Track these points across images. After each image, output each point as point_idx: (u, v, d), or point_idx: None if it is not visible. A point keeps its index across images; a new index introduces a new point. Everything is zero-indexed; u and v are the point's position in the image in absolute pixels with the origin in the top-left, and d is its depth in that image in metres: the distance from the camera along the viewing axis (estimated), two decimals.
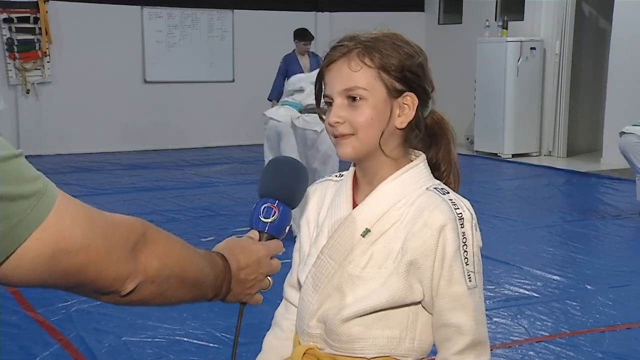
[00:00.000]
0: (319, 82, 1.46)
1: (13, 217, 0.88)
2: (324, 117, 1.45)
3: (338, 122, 1.39)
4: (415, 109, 1.41)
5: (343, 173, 1.55)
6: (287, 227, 1.37)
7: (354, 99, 1.38)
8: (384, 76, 1.38)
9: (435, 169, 1.49)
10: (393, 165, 1.43)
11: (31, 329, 3.93)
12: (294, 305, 1.56)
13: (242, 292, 1.29)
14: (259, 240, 1.34)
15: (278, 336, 1.59)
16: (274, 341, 1.59)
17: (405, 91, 1.40)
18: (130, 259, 1.03)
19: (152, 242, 1.08)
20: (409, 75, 1.39)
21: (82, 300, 4.18)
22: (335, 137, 1.41)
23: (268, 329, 1.62)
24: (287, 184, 1.37)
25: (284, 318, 1.59)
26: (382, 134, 1.39)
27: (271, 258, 1.33)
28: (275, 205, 1.34)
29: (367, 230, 1.40)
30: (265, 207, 1.35)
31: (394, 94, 1.39)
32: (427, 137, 1.48)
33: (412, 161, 1.45)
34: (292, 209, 1.38)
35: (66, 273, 0.96)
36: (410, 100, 1.40)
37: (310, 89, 5.66)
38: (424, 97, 1.42)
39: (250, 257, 1.28)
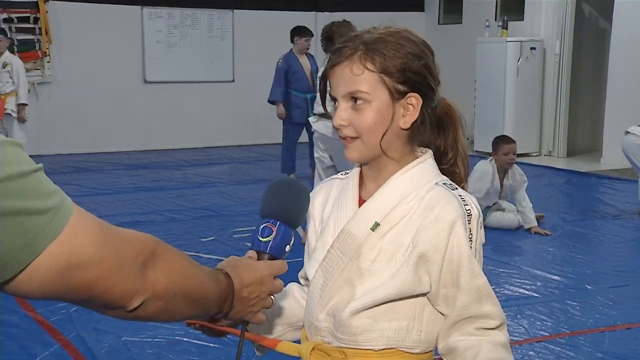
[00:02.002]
0: (324, 82, 1.47)
1: (30, 231, 0.90)
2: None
3: (342, 125, 1.41)
4: (419, 109, 1.42)
5: (349, 171, 1.57)
6: (289, 247, 1.38)
7: (357, 101, 1.40)
8: (386, 79, 1.39)
9: (443, 157, 1.51)
10: (398, 162, 1.45)
11: (31, 329, 3.93)
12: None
13: (244, 309, 1.29)
14: (259, 260, 1.35)
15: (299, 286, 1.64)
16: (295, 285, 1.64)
17: (408, 92, 1.41)
18: (139, 276, 1.05)
19: (161, 259, 1.09)
20: (411, 76, 1.40)
21: None
22: (343, 138, 1.44)
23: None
24: (286, 204, 1.38)
25: (298, 286, 1.64)
26: (383, 136, 1.40)
27: (274, 278, 1.33)
28: (273, 224, 1.35)
29: (377, 224, 1.42)
30: (263, 226, 1.36)
31: (397, 96, 1.40)
32: (436, 125, 1.49)
33: (418, 157, 1.47)
34: (294, 229, 1.39)
35: (77, 288, 0.98)
36: (414, 101, 1.41)
37: None
38: (429, 94, 1.43)
39: (254, 275, 1.29)
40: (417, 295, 1.41)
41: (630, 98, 9.09)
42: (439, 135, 1.50)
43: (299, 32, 8.18)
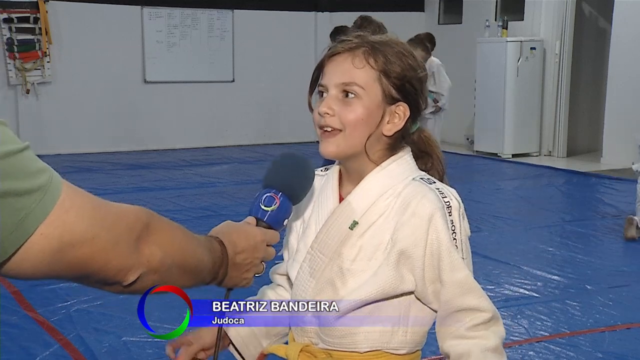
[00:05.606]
0: (317, 71, 1.46)
1: (20, 211, 0.89)
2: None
3: (328, 114, 1.40)
4: (405, 120, 1.43)
5: (329, 167, 1.56)
6: (286, 221, 1.38)
7: (348, 94, 1.40)
8: (384, 80, 1.40)
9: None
10: (376, 164, 1.45)
11: (31, 329, 3.93)
12: (282, 287, 1.59)
13: (238, 275, 1.29)
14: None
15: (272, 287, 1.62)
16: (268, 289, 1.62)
17: (400, 100, 1.42)
18: (134, 250, 1.04)
19: (155, 232, 1.08)
20: (407, 86, 1.41)
21: (82, 300, 4.18)
22: (321, 128, 1.42)
23: None
24: (291, 178, 1.38)
25: (271, 289, 1.61)
26: (368, 137, 1.41)
27: (267, 246, 1.33)
28: (276, 194, 1.35)
29: (355, 223, 1.42)
30: (267, 195, 1.36)
31: (389, 100, 1.41)
32: (418, 153, 1.51)
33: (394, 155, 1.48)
34: (294, 204, 1.38)
35: (71, 265, 0.97)
36: (402, 111, 1.43)
37: None
38: (415, 112, 1.45)
39: (247, 241, 1.28)
40: (402, 295, 1.40)
41: (631, 98, 9.09)
42: (427, 162, 1.51)
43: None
